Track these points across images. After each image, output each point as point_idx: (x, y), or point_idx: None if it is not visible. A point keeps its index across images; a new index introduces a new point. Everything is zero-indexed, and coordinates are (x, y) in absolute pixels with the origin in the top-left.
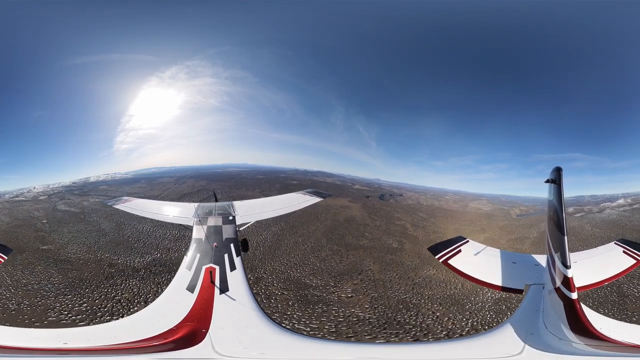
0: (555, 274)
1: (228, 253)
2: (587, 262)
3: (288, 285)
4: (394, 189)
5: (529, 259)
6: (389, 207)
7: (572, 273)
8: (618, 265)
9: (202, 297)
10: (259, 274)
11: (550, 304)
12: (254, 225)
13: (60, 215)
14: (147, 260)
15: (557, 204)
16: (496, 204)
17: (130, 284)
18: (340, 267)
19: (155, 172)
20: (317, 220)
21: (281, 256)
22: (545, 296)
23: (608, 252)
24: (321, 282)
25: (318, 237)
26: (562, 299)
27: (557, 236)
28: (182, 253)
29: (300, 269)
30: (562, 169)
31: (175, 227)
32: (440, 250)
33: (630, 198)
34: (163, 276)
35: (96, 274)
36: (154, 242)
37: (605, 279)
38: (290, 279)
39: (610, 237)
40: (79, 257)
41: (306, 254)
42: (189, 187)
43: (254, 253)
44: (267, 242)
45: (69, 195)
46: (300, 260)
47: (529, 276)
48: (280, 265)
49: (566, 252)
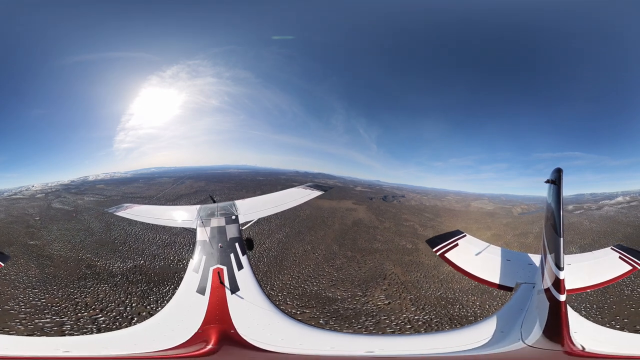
0: (547, 274)
1: (234, 252)
2: (581, 266)
3: (307, 302)
4: (396, 191)
5: (523, 258)
6: (394, 208)
7: (565, 275)
8: (612, 271)
9: (214, 298)
10: (266, 291)
11: (536, 304)
12: (255, 232)
13: (53, 213)
14: (128, 266)
15: (555, 205)
16: (498, 203)
17: (98, 289)
18: (360, 274)
19: (155, 172)
20: (325, 224)
21: (290, 268)
22: (533, 296)
23: (603, 257)
24: (347, 294)
25: (328, 243)
26: (549, 300)
27: (553, 237)
28: (168, 262)
29: (316, 281)
30: (562, 170)
31: (167, 232)
32: (437, 243)
33: (629, 196)
34: (139, 286)
35: (71, 273)
36: (141, 246)
37: (598, 283)
38: (307, 294)
39: (606, 232)
40: (61, 255)
41: (319, 263)
42: (187, 188)
43: (257, 265)
44: (271, 252)
45: (65, 194)
46: (314, 271)
47: (521, 275)
48: (291, 279)
49: (561, 254)
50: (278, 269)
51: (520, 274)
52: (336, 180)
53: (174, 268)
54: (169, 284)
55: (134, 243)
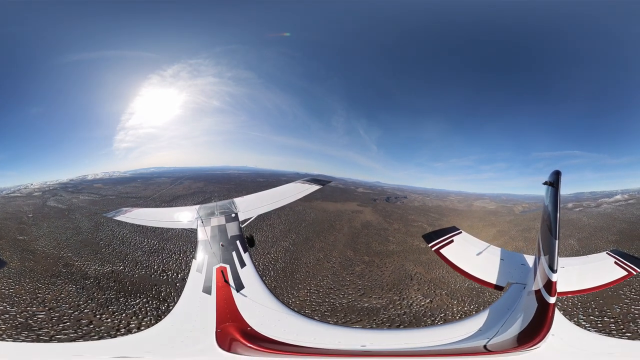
0: (539, 276)
1: (236, 250)
2: (574, 269)
3: (347, 317)
4: (397, 192)
5: (518, 258)
6: (399, 209)
7: (557, 277)
8: (607, 276)
9: (221, 297)
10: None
11: (524, 305)
12: (258, 241)
13: (47, 210)
14: (105, 270)
15: (552, 207)
16: (499, 202)
17: (64, 289)
18: (385, 278)
19: (154, 172)
20: (333, 229)
21: (304, 281)
22: (522, 296)
23: (598, 262)
24: (383, 300)
25: (341, 249)
26: (538, 301)
27: (548, 239)
28: (150, 271)
29: (341, 293)
30: (561, 173)
31: (156, 237)
32: (433, 239)
33: (627, 194)
34: (105, 294)
35: (47, 269)
36: (125, 250)
37: (591, 287)
38: (338, 308)
39: (602, 227)
40: (44, 251)
41: (337, 272)
42: (185, 188)
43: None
44: (278, 264)
45: (62, 192)
46: (334, 282)
47: (513, 274)
48: (310, 294)
49: (555, 256)
50: (290, 283)
51: (512, 274)
52: (337, 181)
53: (155, 279)
54: (141, 296)
55: (119, 246)
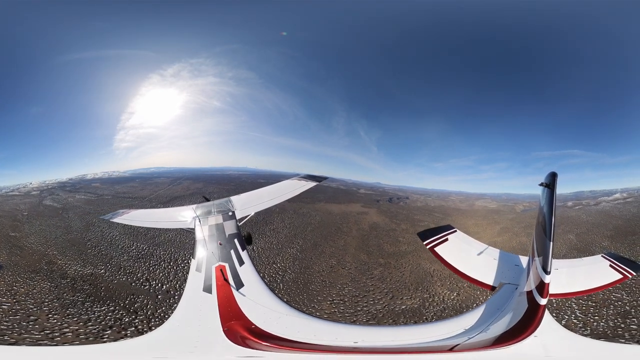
0: (532, 277)
1: (234, 249)
2: (568, 271)
3: (396, 321)
4: (399, 192)
5: (512, 259)
6: (403, 210)
7: (550, 279)
8: (601, 278)
9: (222, 296)
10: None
11: (514, 305)
12: (261, 248)
13: (42, 209)
14: (85, 272)
15: (547, 208)
16: (500, 201)
17: (38, 285)
18: (407, 278)
19: (154, 172)
20: (341, 232)
21: (323, 291)
22: (513, 297)
23: (593, 264)
24: (415, 300)
25: (353, 252)
26: (529, 302)
27: (542, 240)
28: (132, 279)
29: (369, 299)
30: (557, 174)
31: (147, 242)
32: (428, 237)
33: (626, 193)
34: (75, 296)
35: (30, 265)
36: (111, 253)
37: (584, 290)
38: (379, 315)
39: (599, 223)
40: (31, 247)
41: (355, 278)
42: (183, 189)
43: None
44: (287, 274)
45: (59, 191)
46: (357, 289)
47: (506, 275)
48: (335, 305)
49: (549, 258)
50: (306, 295)
51: (505, 274)
52: (338, 183)
53: (134, 288)
54: (110, 304)
55: (106, 248)
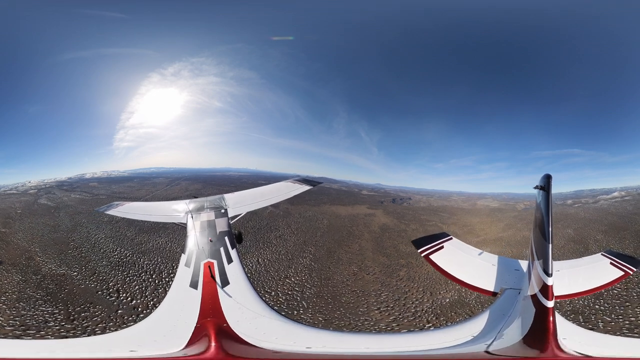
0: (534, 280)
1: (224, 246)
2: (570, 272)
3: (457, 315)
4: (401, 193)
5: (511, 264)
6: (409, 210)
7: (553, 281)
8: (604, 277)
9: (207, 292)
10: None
11: (522, 310)
12: (269, 260)
13: (36, 207)
14: (58, 272)
15: (544, 211)
16: (501, 201)
17: (9, 278)
18: (433, 274)
19: (153, 171)
20: (353, 235)
21: (360, 303)
22: (518, 302)
23: (594, 263)
24: (453, 293)
25: (371, 256)
26: (535, 306)
27: (541, 243)
28: (103, 286)
29: (411, 300)
30: (551, 176)
31: (132, 248)
32: (422, 245)
33: (625, 191)
34: (37, 293)
35: (10, 258)
36: (91, 256)
37: (588, 289)
38: (437, 312)
39: (595, 219)
40: (16, 243)
41: (385, 282)
42: (181, 190)
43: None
44: (307, 290)
45: (55, 190)
46: (394, 292)
47: (506, 280)
48: (385, 314)
49: (549, 260)
50: (344, 311)
51: (506, 279)
52: (339, 184)
53: (98, 297)
54: (59, 307)
55: (87, 250)
